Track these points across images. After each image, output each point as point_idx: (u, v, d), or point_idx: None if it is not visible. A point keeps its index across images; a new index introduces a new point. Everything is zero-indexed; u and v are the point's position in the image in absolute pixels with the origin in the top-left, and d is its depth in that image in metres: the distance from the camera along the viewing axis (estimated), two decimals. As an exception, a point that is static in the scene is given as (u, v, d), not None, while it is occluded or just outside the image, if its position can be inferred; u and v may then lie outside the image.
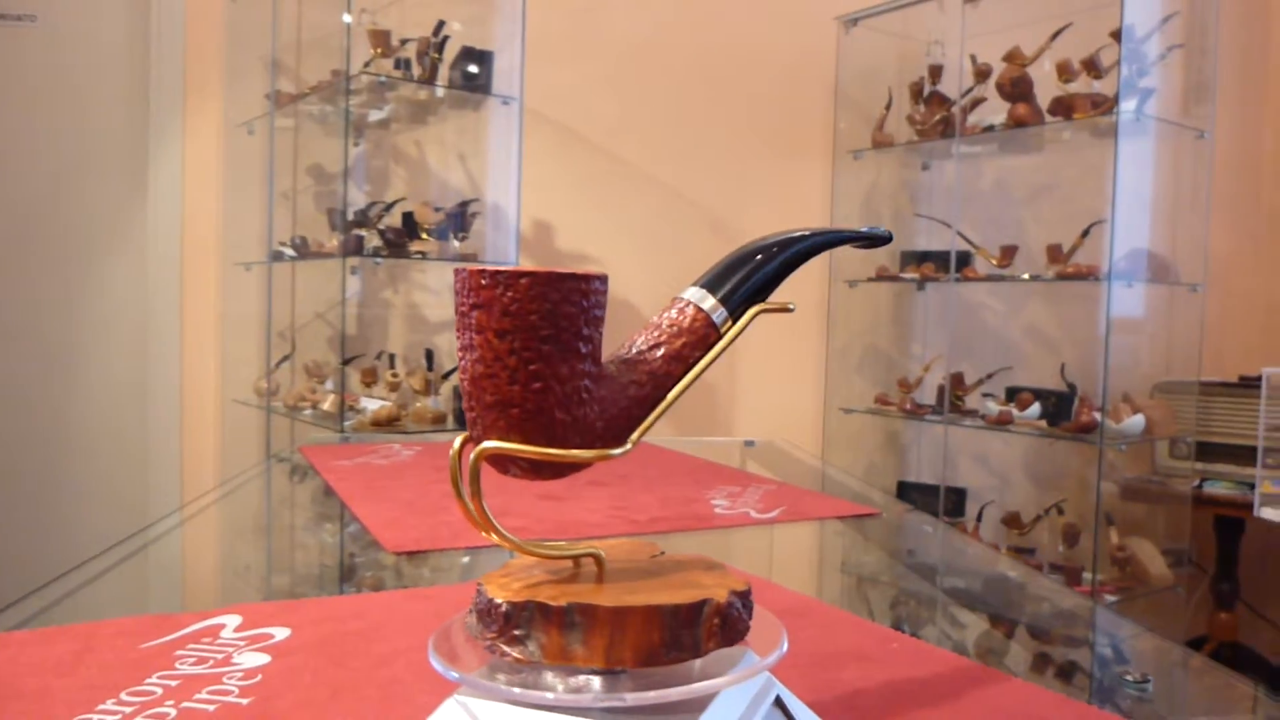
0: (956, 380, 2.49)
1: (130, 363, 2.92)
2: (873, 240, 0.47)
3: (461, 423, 2.69)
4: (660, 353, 0.44)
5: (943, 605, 0.85)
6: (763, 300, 0.45)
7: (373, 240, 2.59)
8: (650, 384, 0.43)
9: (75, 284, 2.89)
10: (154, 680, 0.56)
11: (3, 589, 2.91)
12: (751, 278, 0.44)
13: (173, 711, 0.52)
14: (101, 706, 0.52)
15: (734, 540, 0.97)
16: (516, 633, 0.42)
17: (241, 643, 0.63)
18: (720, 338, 0.43)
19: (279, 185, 2.75)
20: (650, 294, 2.87)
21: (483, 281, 0.42)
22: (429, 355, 2.75)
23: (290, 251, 2.72)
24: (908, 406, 2.60)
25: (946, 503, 2.57)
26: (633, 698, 0.40)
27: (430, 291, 2.97)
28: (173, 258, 2.90)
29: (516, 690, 0.40)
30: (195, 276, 2.91)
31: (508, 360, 0.44)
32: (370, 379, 2.86)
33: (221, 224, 2.90)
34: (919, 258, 2.58)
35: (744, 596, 0.43)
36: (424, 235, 2.67)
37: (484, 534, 0.45)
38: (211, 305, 2.92)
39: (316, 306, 2.84)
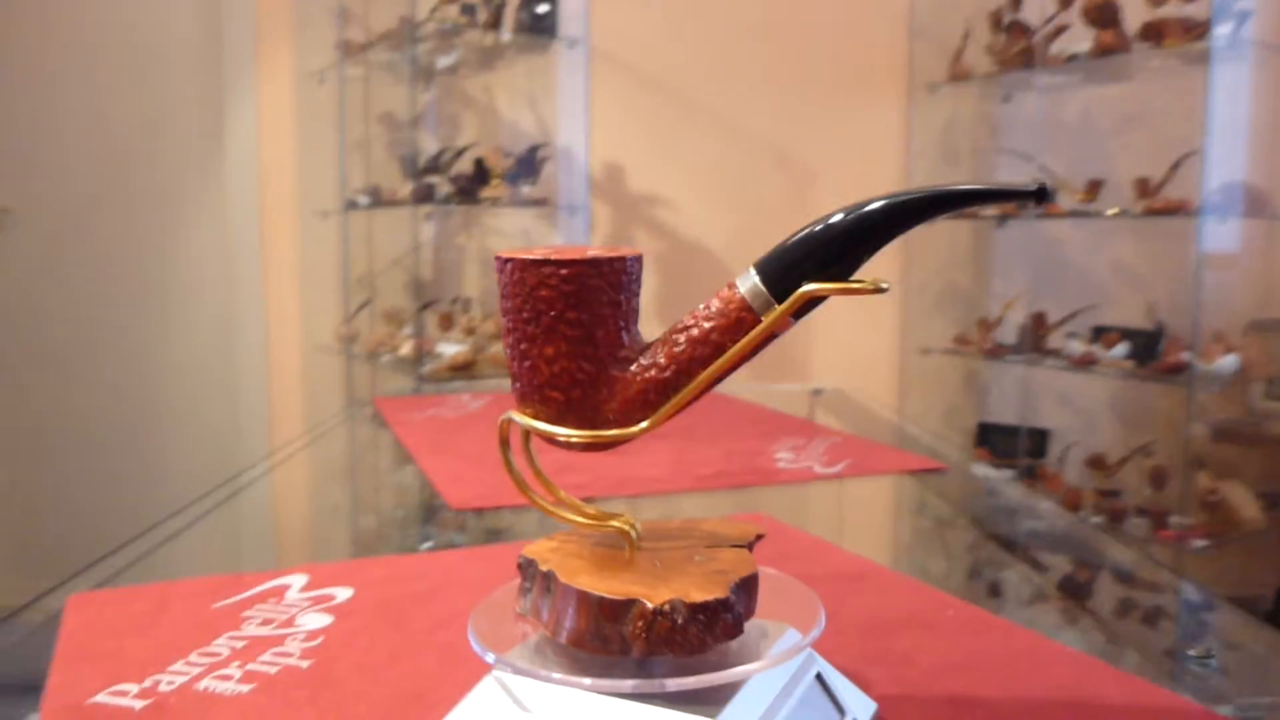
0: (1038, 319, 2.42)
1: (216, 313, 3.00)
2: (1007, 195, 0.39)
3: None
4: (685, 336, 0.43)
5: (1006, 568, 0.83)
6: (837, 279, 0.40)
7: (444, 187, 2.60)
8: (672, 368, 0.43)
9: (160, 236, 2.98)
10: (222, 641, 0.59)
11: (97, 535, 3.07)
12: (808, 254, 0.40)
13: (237, 673, 0.54)
14: (172, 667, 0.55)
15: (796, 496, 0.96)
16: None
17: (306, 603, 0.65)
18: (758, 323, 0.41)
19: (351, 134, 2.77)
20: (723, 234, 2.84)
21: (498, 265, 0.45)
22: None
23: (364, 200, 2.76)
24: (988, 346, 2.54)
25: (1029, 444, 2.52)
26: (673, 683, 0.40)
27: (503, 236, 2.99)
28: (251, 207, 2.96)
29: (555, 675, 0.41)
30: (274, 225, 2.97)
31: (510, 339, 0.45)
32: (447, 324, 2.90)
33: (297, 173, 2.94)
34: (1000, 193, 2.50)
35: (709, 608, 0.40)
36: (495, 181, 2.68)
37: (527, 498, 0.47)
38: (291, 254, 2.99)
39: (392, 253, 2.88)
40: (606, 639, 0.40)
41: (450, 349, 2.76)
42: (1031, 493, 1.41)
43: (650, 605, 0.39)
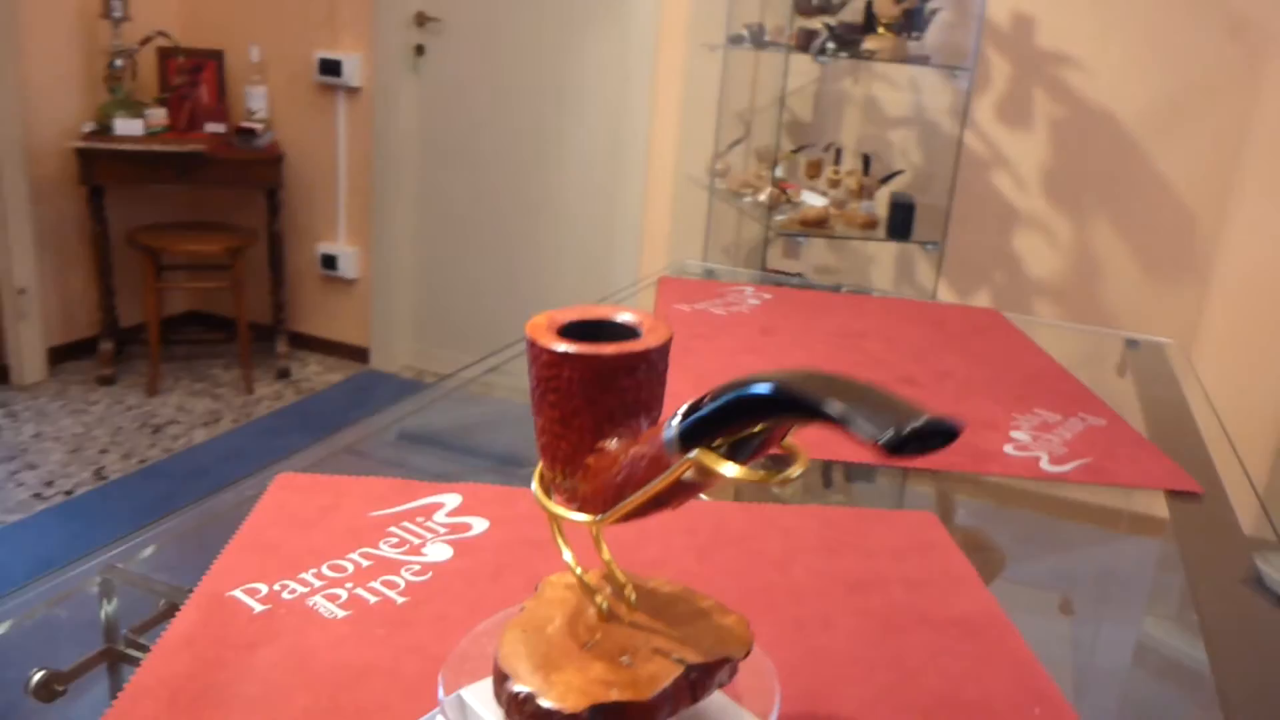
0: None
1: (607, 129, 3.18)
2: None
3: (894, 233, 2.62)
4: (640, 450, 0.42)
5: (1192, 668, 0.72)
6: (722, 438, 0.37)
7: (824, 33, 2.50)
8: (622, 476, 0.42)
9: (565, 52, 3.17)
10: (354, 556, 0.69)
11: (486, 317, 3.49)
12: (721, 414, 0.37)
13: (344, 595, 0.64)
14: (301, 575, 0.66)
15: (1003, 495, 0.88)
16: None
17: (443, 529, 0.73)
18: (669, 469, 0.39)
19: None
20: (1139, 107, 2.49)
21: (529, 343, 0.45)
22: (865, 160, 2.66)
23: (749, 37, 2.73)
24: None
25: None
26: None
27: (891, 86, 2.83)
28: (649, 32, 3.05)
29: None
30: (667, 52, 3.04)
31: (534, 411, 0.46)
32: (814, 171, 2.85)
33: (694, 4, 2.96)
34: None
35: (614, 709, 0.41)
36: (881, 30, 2.52)
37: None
38: (677, 82, 3.05)
39: (773, 92, 2.84)
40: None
41: (811, 199, 2.72)
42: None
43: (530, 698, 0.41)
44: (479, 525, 0.74)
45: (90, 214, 3.23)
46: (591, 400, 0.44)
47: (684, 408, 0.39)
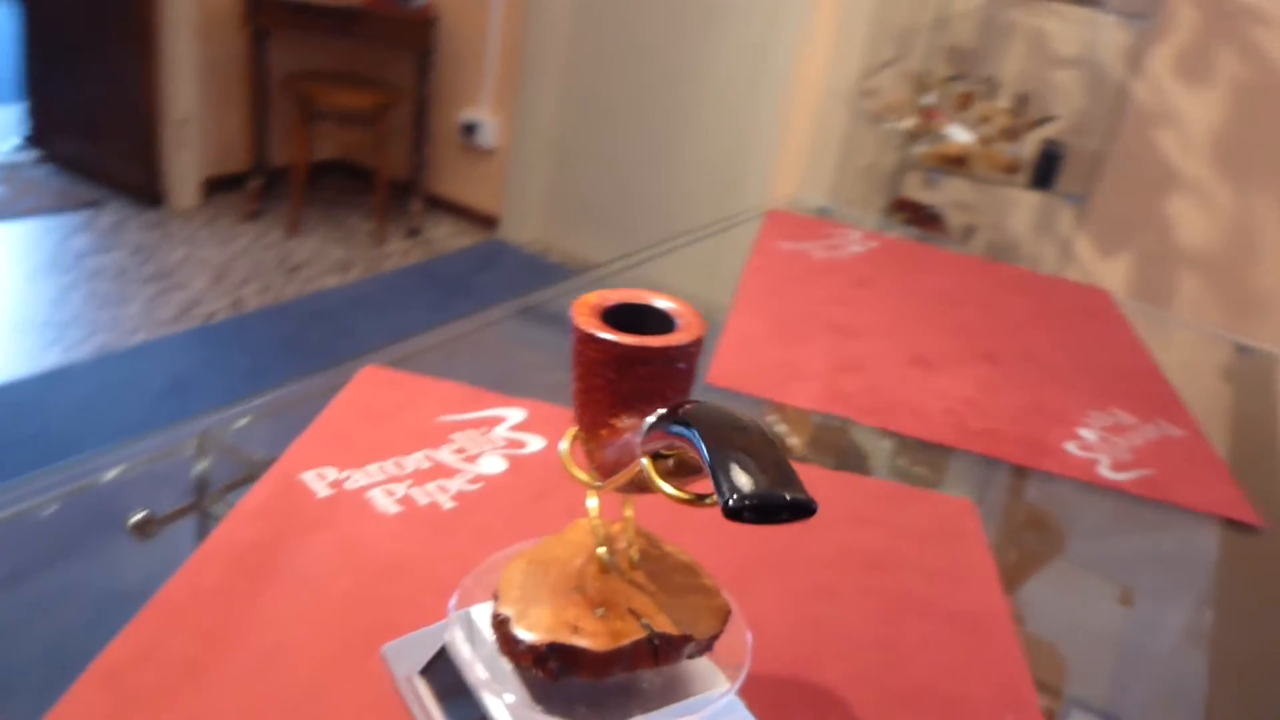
0: None
1: (756, 36, 3.12)
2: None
3: (1038, 181, 2.52)
4: (625, 437, 0.45)
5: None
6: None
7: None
8: (615, 457, 0.46)
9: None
10: (418, 456, 0.75)
11: (618, 207, 3.52)
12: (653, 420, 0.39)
13: (400, 491, 0.71)
14: (367, 467, 0.73)
15: (1053, 497, 0.89)
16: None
17: (501, 443, 0.79)
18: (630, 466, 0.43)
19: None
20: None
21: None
22: (1020, 100, 2.54)
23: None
24: None
25: None
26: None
27: (1062, 20, 2.68)
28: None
29: (482, 675, 0.50)
30: (830, -40, 2.93)
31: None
32: (965, 103, 2.75)
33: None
34: None
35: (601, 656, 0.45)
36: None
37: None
38: (837, -3, 2.95)
39: (935, 13, 2.73)
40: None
41: (955, 134, 2.63)
42: None
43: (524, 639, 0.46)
44: (535, 444, 0.80)
45: (252, 56, 3.37)
46: (610, 380, 0.47)
47: (661, 411, 0.42)
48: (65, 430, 2.21)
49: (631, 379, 0.48)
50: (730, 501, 0.33)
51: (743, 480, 0.34)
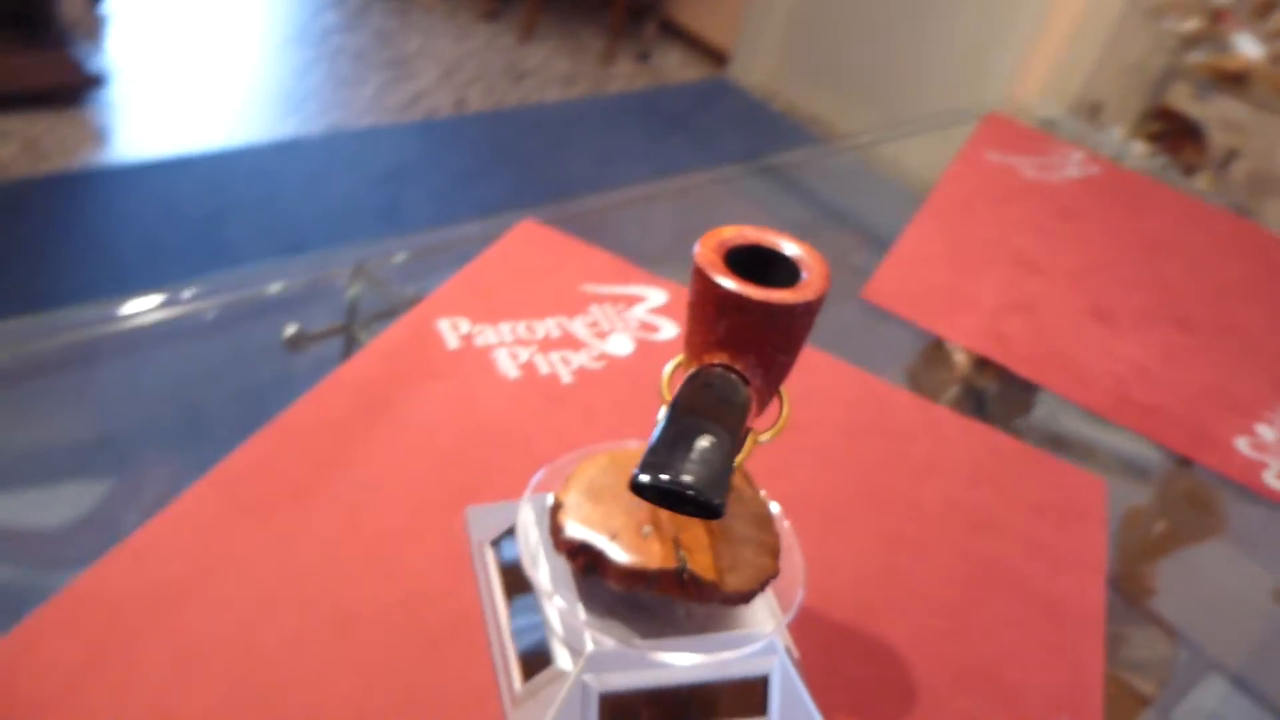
0: None
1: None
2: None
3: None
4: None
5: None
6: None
7: None
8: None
9: None
10: (549, 322, 0.77)
11: (845, 87, 3.34)
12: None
13: (524, 356, 0.73)
14: (499, 325, 0.76)
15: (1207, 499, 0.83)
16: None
17: (635, 324, 0.80)
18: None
19: None
20: None
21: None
22: (1333, 17, 2.20)
23: None
24: None
25: None
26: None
27: None
28: None
29: (539, 560, 0.52)
30: None
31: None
32: (1264, 11, 2.41)
33: None
34: None
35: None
36: None
37: None
38: None
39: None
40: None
41: (1244, 45, 2.33)
42: None
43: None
44: (668, 331, 0.80)
45: None
46: (710, 319, 0.47)
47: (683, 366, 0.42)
48: (289, 200, 2.38)
49: (728, 324, 0.47)
50: (634, 476, 0.35)
51: (667, 463, 0.36)
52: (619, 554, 0.47)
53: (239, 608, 0.51)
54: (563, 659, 0.49)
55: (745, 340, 0.47)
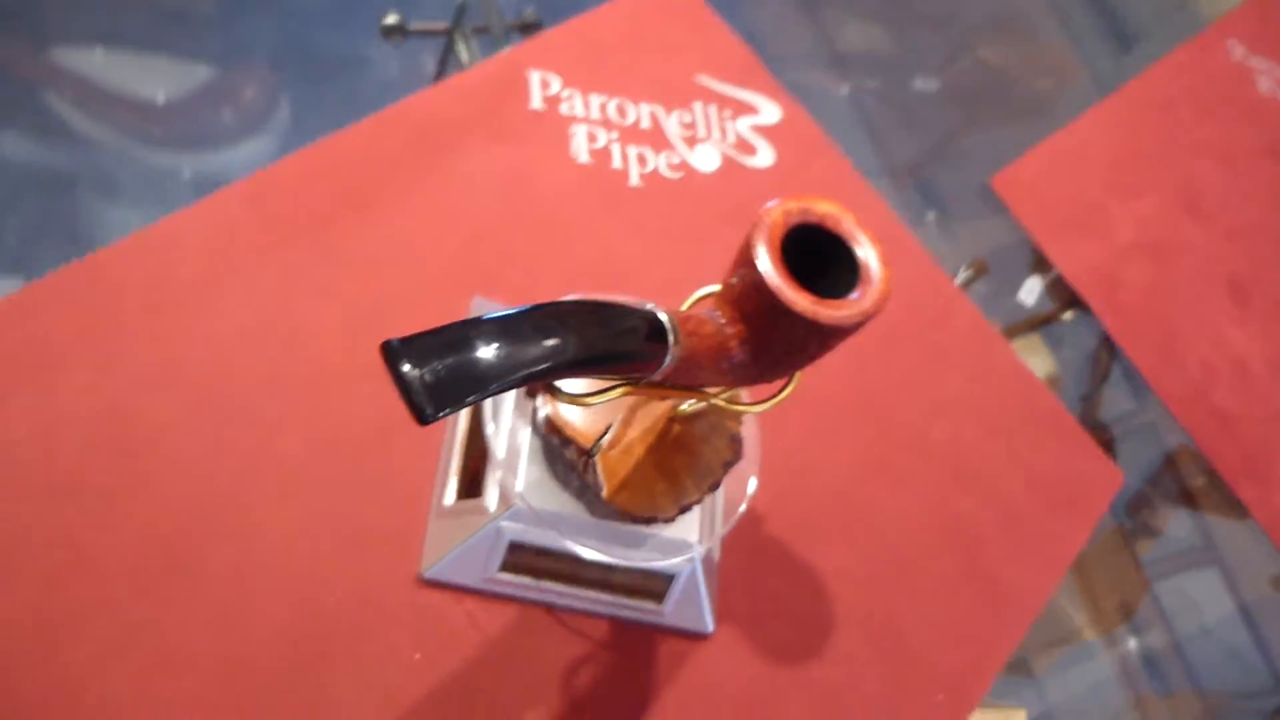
0: None
1: None
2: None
3: None
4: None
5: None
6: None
7: None
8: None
9: None
10: (644, 108, 0.72)
11: None
12: None
13: (601, 141, 0.69)
14: (590, 96, 0.71)
15: (1227, 531, 0.79)
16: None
17: (731, 137, 0.74)
18: None
19: None
20: None
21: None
22: None
23: None
24: None
25: None
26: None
27: None
28: None
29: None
30: None
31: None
32: None
33: None
34: None
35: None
36: None
37: None
38: None
39: None
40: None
41: None
42: None
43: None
44: (764, 158, 0.74)
45: None
46: (737, 295, 0.42)
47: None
48: None
49: (752, 316, 0.42)
50: (390, 343, 0.33)
51: (421, 352, 0.33)
52: (567, 405, 0.45)
53: (222, 331, 0.53)
54: (491, 498, 0.51)
55: (771, 340, 0.42)
